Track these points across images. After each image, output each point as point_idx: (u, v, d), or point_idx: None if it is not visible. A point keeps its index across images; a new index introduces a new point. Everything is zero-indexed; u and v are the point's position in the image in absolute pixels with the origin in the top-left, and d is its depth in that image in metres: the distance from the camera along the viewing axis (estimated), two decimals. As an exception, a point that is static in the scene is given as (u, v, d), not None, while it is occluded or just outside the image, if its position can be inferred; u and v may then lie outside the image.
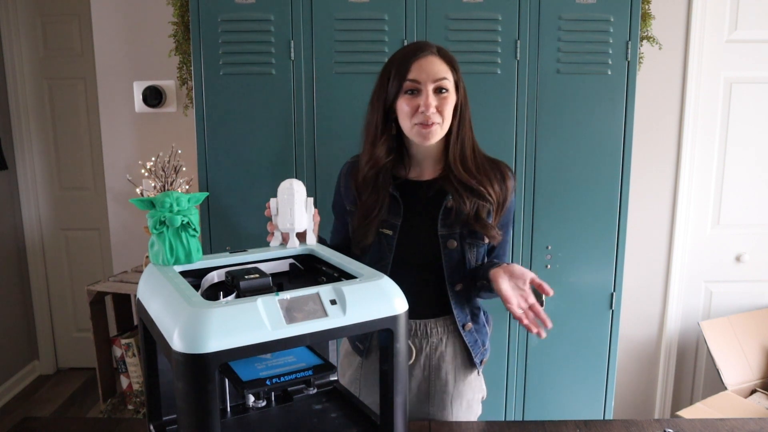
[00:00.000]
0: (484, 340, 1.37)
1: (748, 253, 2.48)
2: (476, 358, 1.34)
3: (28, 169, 3.12)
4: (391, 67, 1.22)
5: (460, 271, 1.28)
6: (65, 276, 3.27)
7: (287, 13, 1.85)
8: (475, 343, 1.34)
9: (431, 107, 1.19)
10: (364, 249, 1.30)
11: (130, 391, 2.24)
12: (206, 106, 1.89)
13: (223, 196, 1.93)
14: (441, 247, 1.26)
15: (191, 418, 0.72)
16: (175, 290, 0.79)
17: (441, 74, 1.20)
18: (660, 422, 1.24)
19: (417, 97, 1.20)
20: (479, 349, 1.35)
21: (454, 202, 1.25)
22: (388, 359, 0.83)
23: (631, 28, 1.85)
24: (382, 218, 1.27)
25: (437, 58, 1.21)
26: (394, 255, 1.27)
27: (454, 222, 1.25)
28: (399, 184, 1.29)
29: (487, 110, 1.88)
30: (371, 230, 1.27)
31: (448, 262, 1.27)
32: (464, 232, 1.26)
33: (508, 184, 1.29)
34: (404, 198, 1.28)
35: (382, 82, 1.25)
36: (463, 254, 1.27)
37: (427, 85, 1.19)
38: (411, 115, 1.21)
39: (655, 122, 2.38)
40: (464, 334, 1.32)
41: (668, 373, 2.56)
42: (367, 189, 1.28)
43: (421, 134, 1.21)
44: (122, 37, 2.43)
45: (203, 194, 0.97)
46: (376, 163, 1.26)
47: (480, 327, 1.36)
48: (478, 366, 1.36)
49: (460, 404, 1.34)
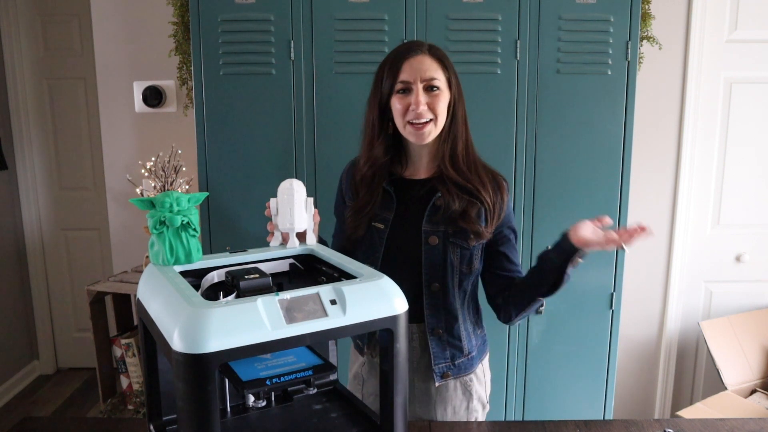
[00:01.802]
0: (455, 355, 1.30)
1: (748, 253, 2.48)
2: (435, 366, 1.29)
3: (28, 169, 3.12)
4: (384, 67, 1.25)
5: (440, 270, 1.26)
6: (65, 276, 3.27)
7: (287, 13, 1.85)
8: (441, 352, 1.29)
9: (421, 105, 1.20)
10: (355, 242, 1.31)
11: (130, 391, 2.24)
12: (206, 106, 1.89)
13: (223, 196, 1.93)
14: (422, 243, 1.26)
15: (191, 418, 0.72)
16: (175, 290, 0.79)
17: (431, 73, 1.21)
18: (660, 422, 1.24)
19: (408, 96, 1.22)
20: (442, 361, 1.29)
21: (443, 199, 1.25)
22: (388, 359, 0.83)
23: (631, 28, 1.85)
24: (375, 212, 1.28)
25: (428, 56, 1.22)
26: (384, 249, 1.28)
27: (440, 220, 1.25)
28: (394, 180, 1.30)
29: (487, 110, 1.88)
30: (363, 223, 1.28)
31: (428, 258, 1.26)
32: (449, 231, 1.25)
33: (504, 195, 1.29)
34: (398, 194, 1.29)
35: (376, 82, 1.27)
36: (445, 253, 1.26)
37: (418, 84, 1.21)
38: (403, 114, 1.22)
39: (655, 122, 2.38)
40: (430, 339, 1.28)
41: (668, 373, 2.55)
42: (364, 187, 1.29)
43: (414, 133, 1.23)
44: (122, 37, 2.43)
45: (203, 194, 0.97)
46: (375, 162, 1.28)
47: (454, 340, 1.29)
48: (436, 377, 1.29)
49: (445, 409, 1.32)
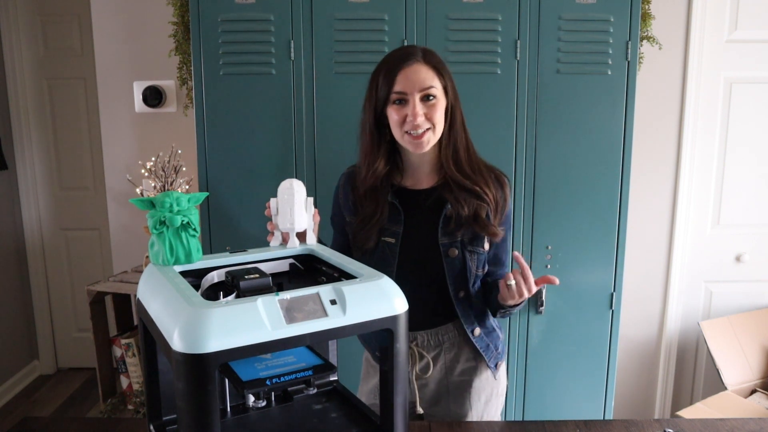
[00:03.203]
0: (497, 344, 1.38)
1: (748, 253, 2.48)
2: (490, 362, 1.35)
3: (28, 169, 3.12)
4: (378, 76, 1.22)
5: (462, 278, 1.29)
6: (65, 276, 3.27)
7: (287, 13, 1.85)
8: (486, 348, 1.35)
9: (419, 116, 1.18)
10: (365, 253, 1.30)
11: (130, 391, 2.24)
12: (206, 106, 1.89)
13: (223, 196, 1.93)
14: (443, 256, 1.27)
15: (191, 418, 0.72)
16: (175, 290, 0.79)
17: (427, 83, 1.19)
18: (660, 422, 1.24)
19: (405, 107, 1.20)
20: (492, 353, 1.36)
21: (453, 208, 1.25)
22: (388, 359, 0.83)
23: (631, 28, 1.85)
24: (383, 225, 1.27)
25: (423, 65, 1.20)
26: (397, 263, 1.28)
27: (454, 230, 1.25)
28: (397, 192, 1.29)
29: (487, 110, 1.88)
30: (372, 234, 1.27)
31: (451, 270, 1.27)
32: (465, 240, 1.26)
33: (506, 191, 1.30)
34: (403, 206, 1.28)
35: (371, 91, 1.24)
36: (465, 262, 1.28)
37: (414, 95, 1.19)
38: (400, 124, 1.21)
39: (655, 122, 2.38)
40: (475, 341, 1.32)
41: (668, 373, 2.55)
42: (368, 198, 1.28)
43: (412, 143, 1.22)
44: (122, 37, 2.43)
45: (203, 194, 0.97)
46: (376, 173, 1.26)
47: (489, 331, 1.36)
48: (493, 370, 1.36)
49: (479, 399, 1.35)
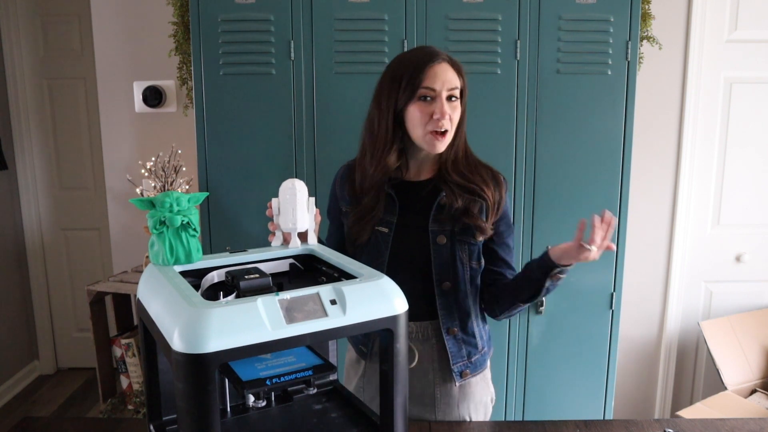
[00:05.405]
0: (471, 352, 1.32)
1: (748, 253, 2.48)
2: (454, 366, 1.29)
3: (28, 169, 3.12)
4: (403, 73, 1.20)
5: (449, 269, 1.27)
6: (65, 276, 3.27)
7: (287, 13, 1.85)
8: (458, 351, 1.30)
9: (447, 113, 1.19)
10: (358, 247, 1.31)
11: (130, 391, 2.24)
12: (206, 106, 1.89)
13: (223, 196, 1.93)
14: (431, 243, 1.26)
15: (191, 418, 0.72)
16: (175, 290, 0.79)
17: (454, 83, 1.20)
18: (660, 422, 1.24)
19: (431, 105, 1.19)
20: (460, 360, 1.30)
21: (447, 198, 1.25)
22: (388, 359, 0.83)
23: (631, 28, 1.85)
24: (379, 216, 1.27)
25: (449, 66, 1.21)
26: (389, 252, 1.28)
27: (446, 219, 1.26)
28: (395, 184, 1.29)
29: (487, 110, 1.88)
30: (367, 229, 1.28)
31: (437, 258, 1.26)
32: (455, 229, 1.26)
33: (503, 191, 1.30)
34: (400, 196, 1.28)
35: (392, 87, 1.22)
36: (453, 252, 1.27)
37: (442, 93, 1.19)
38: (425, 122, 1.20)
39: (655, 122, 2.38)
40: (446, 338, 1.29)
41: (668, 373, 2.55)
42: (371, 193, 1.27)
43: (433, 143, 1.21)
44: (122, 37, 2.43)
45: (203, 194, 0.97)
46: (387, 169, 1.25)
47: (468, 338, 1.31)
48: (455, 377, 1.29)
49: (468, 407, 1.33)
